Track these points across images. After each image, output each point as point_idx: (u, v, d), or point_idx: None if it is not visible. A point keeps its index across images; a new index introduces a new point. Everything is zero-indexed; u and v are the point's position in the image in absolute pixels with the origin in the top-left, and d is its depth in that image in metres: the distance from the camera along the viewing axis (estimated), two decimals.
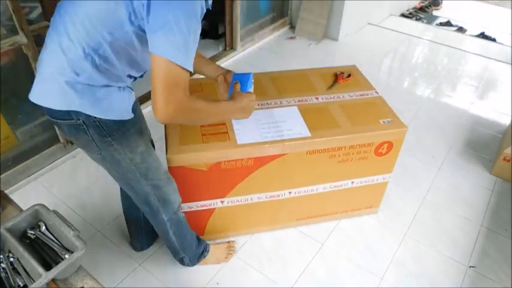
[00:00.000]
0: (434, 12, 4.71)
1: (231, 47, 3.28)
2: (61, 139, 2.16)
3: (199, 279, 1.65)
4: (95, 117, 1.08)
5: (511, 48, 3.69)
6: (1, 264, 0.98)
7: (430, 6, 4.76)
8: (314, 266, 1.73)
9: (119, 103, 1.12)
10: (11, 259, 0.99)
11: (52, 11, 1.06)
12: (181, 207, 1.48)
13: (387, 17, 4.23)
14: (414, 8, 4.71)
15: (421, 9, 4.67)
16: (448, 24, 4.33)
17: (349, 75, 1.88)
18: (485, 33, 4.09)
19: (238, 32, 3.22)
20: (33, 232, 1.04)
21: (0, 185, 1.85)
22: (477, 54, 3.56)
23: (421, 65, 3.40)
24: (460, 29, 4.22)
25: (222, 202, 1.63)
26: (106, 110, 1.08)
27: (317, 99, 1.73)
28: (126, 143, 1.16)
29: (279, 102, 1.69)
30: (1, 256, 0.99)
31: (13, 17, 1.72)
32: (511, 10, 4.51)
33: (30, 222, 1.05)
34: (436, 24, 4.35)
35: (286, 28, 3.77)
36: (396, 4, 4.32)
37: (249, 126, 1.54)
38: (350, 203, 1.87)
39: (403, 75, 3.25)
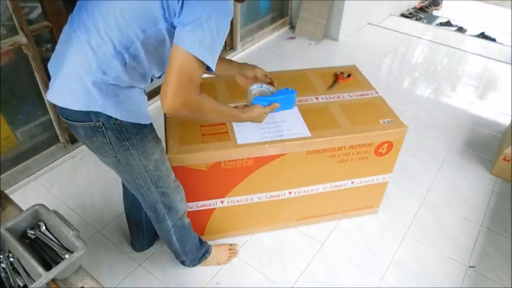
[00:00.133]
0: (434, 12, 4.71)
1: (231, 47, 3.28)
2: (61, 139, 2.16)
3: (199, 279, 1.65)
4: (115, 120, 1.07)
5: (511, 48, 3.69)
6: (1, 264, 0.98)
7: (430, 6, 4.76)
8: (314, 266, 1.73)
9: (140, 107, 1.12)
10: (11, 259, 0.99)
11: (52, 11, 1.05)
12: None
13: (387, 17, 4.23)
14: (414, 8, 4.71)
15: (421, 9, 4.67)
16: (448, 24, 4.33)
17: (349, 75, 1.88)
18: (485, 33, 4.09)
19: (238, 32, 3.22)
20: (33, 232, 1.04)
21: (0, 185, 1.85)
22: (477, 54, 3.56)
23: (421, 65, 3.40)
24: (460, 29, 4.22)
25: (222, 202, 1.63)
26: (128, 112, 1.08)
27: (317, 99, 1.73)
28: (142, 149, 1.16)
29: None
30: (1, 256, 0.99)
31: (13, 17, 1.72)
32: (511, 10, 4.51)
33: (30, 222, 1.05)
34: (436, 24, 4.35)
35: (286, 28, 3.77)
36: (396, 4, 4.32)
37: (249, 126, 1.54)
38: (350, 203, 1.87)
39: (403, 75, 3.25)
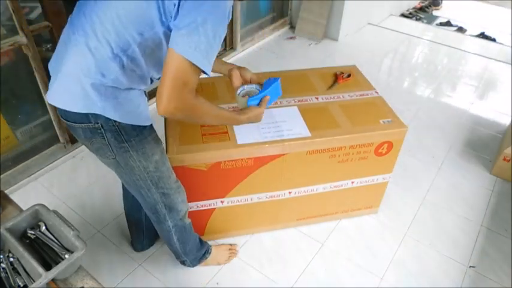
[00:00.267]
0: (434, 12, 4.70)
1: (231, 47, 3.28)
2: (61, 139, 2.16)
3: (199, 279, 1.65)
4: (114, 121, 1.07)
5: (511, 48, 3.69)
6: (1, 264, 0.98)
7: (430, 6, 4.76)
8: (314, 266, 1.73)
9: (139, 108, 1.11)
10: (11, 259, 0.99)
11: (52, 11, 1.05)
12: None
13: (387, 17, 4.23)
14: (414, 8, 4.71)
15: (421, 9, 4.67)
16: (448, 24, 4.33)
17: (349, 75, 1.88)
18: (485, 33, 4.09)
19: (238, 31, 3.22)
20: (33, 232, 1.04)
21: (0, 185, 1.85)
22: (477, 54, 3.56)
23: (421, 65, 3.40)
24: (460, 29, 4.22)
25: (222, 202, 1.63)
26: (127, 114, 1.08)
27: (317, 99, 1.73)
28: (142, 151, 1.16)
29: (279, 102, 1.69)
30: (1, 256, 0.99)
31: (13, 17, 1.72)
32: (511, 10, 4.51)
33: (30, 222, 1.05)
34: (436, 24, 4.35)
35: (286, 28, 3.77)
36: (396, 4, 4.32)
37: (249, 126, 1.54)
38: (350, 203, 1.87)
39: (403, 75, 3.25)
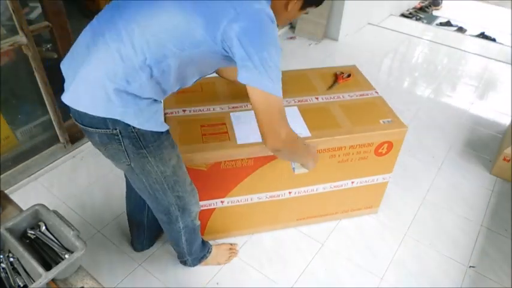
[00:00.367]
0: (434, 12, 4.70)
1: None
2: (61, 139, 2.16)
3: (199, 279, 1.65)
4: (133, 128, 1.06)
5: (511, 48, 3.69)
6: (1, 264, 0.98)
7: (430, 6, 4.76)
8: (314, 266, 1.73)
9: (157, 114, 1.11)
10: (11, 259, 0.99)
11: (52, 11, 1.03)
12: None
13: (387, 17, 4.22)
14: (414, 8, 4.71)
15: (421, 9, 4.66)
16: (448, 24, 4.33)
17: (349, 75, 1.88)
18: (485, 33, 4.09)
19: None
20: (33, 232, 1.04)
21: (0, 185, 1.85)
22: (477, 54, 3.56)
23: (421, 65, 3.40)
24: (460, 29, 4.22)
25: (222, 202, 1.63)
26: (146, 120, 1.08)
27: (317, 99, 1.73)
28: (160, 156, 1.16)
29: None
30: (1, 256, 0.99)
31: (13, 17, 1.72)
32: (511, 10, 4.51)
33: (30, 222, 1.05)
34: (436, 24, 4.35)
35: (286, 28, 3.76)
36: (396, 4, 4.32)
37: (249, 126, 1.54)
38: (350, 203, 1.87)
39: (403, 75, 3.25)
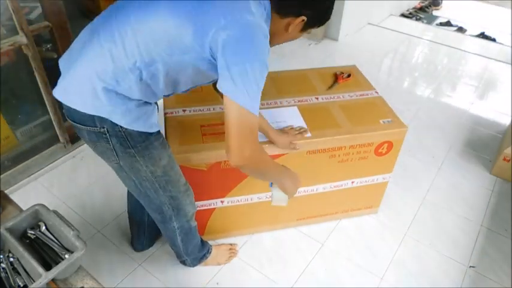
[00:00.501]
0: (434, 12, 4.70)
1: None
2: (61, 139, 2.16)
3: (199, 279, 1.65)
4: (121, 127, 1.06)
5: (511, 48, 3.68)
6: (1, 264, 0.98)
7: (430, 6, 4.76)
8: (314, 266, 1.73)
9: (147, 115, 1.11)
10: (11, 259, 0.99)
11: (52, 11, 1.04)
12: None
13: (387, 17, 4.22)
14: (414, 8, 4.71)
15: (421, 9, 4.66)
16: (448, 24, 4.33)
17: (349, 75, 1.88)
18: (485, 33, 4.09)
19: None
20: (33, 232, 1.04)
21: (0, 185, 1.85)
22: (477, 54, 3.56)
23: (421, 65, 3.40)
24: (460, 29, 4.22)
25: (222, 202, 1.63)
26: (134, 120, 1.07)
27: (317, 99, 1.73)
28: (149, 156, 1.15)
29: (279, 103, 1.69)
30: (1, 256, 0.99)
31: (13, 17, 1.72)
32: (511, 10, 4.51)
33: (30, 222, 1.05)
34: (436, 24, 4.34)
35: None
36: (396, 4, 4.32)
37: None
38: (350, 203, 1.87)
39: (403, 75, 3.25)
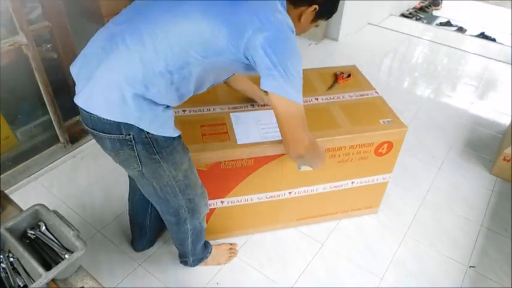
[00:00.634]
0: (434, 12, 4.70)
1: None
2: (61, 139, 2.16)
3: (199, 279, 1.65)
4: (147, 133, 1.06)
5: (511, 48, 3.69)
6: (1, 264, 0.98)
7: (430, 6, 4.76)
8: (314, 266, 1.73)
9: (170, 120, 1.12)
10: (11, 259, 0.99)
11: (52, 11, 1.03)
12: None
13: (387, 17, 4.23)
14: (414, 8, 4.71)
15: (421, 9, 4.66)
16: (448, 24, 4.33)
17: (349, 75, 1.88)
18: (485, 33, 4.09)
19: None
20: (33, 232, 1.04)
21: (0, 185, 1.85)
22: (477, 54, 3.56)
23: (421, 65, 3.40)
24: (460, 29, 4.22)
25: (222, 202, 1.63)
26: (160, 126, 1.08)
27: (317, 99, 1.73)
28: (172, 161, 1.16)
29: None
30: (1, 256, 0.99)
31: (13, 17, 1.72)
32: (511, 10, 4.51)
33: (30, 222, 1.05)
34: (436, 24, 4.35)
35: None
36: (396, 4, 4.32)
37: (249, 126, 1.54)
38: (350, 203, 1.87)
39: (403, 75, 3.25)
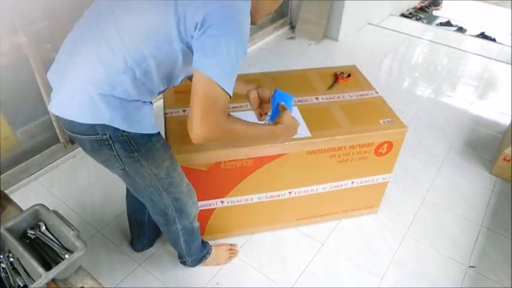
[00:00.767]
0: (434, 12, 4.70)
1: None
2: (61, 139, 2.16)
3: (199, 279, 1.65)
4: (123, 132, 1.06)
5: (511, 48, 3.69)
6: (1, 264, 0.98)
7: (430, 6, 4.76)
8: (314, 266, 1.73)
9: (146, 117, 1.11)
10: (11, 259, 0.99)
11: (52, 11, 1.04)
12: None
13: (387, 17, 4.23)
14: (414, 8, 4.71)
15: (421, 9, 4.66)
16: (448, 24, 4.33)
17: (349, 75, 1.88)
18: (485, 33, 4.09)
19: None
20: (33, 232, 1.04)
21: (0, 185, 1.85)
22: (477, 54, 3.56)
23: (421, 65, 3.40)
24: (460, 29, 4.22)
25: (222, 202, 1.63)
26: (136, 123, 1.07)
27: (317, 99, 1.73)
28: (152, 159, 1.15)
29: None
30: (1, 256, 0.99)
31: (13, 17, 1.72)
32: (511, 10, 4.51)
33: (30, 222, 1.06)
34: (436, 24, 4.34)
35: (286, 28, 3.77)
36: (396, 4, 4.32)
37: None
38: (350, 203, 1.87)
39: (403, 75, 3.25)
